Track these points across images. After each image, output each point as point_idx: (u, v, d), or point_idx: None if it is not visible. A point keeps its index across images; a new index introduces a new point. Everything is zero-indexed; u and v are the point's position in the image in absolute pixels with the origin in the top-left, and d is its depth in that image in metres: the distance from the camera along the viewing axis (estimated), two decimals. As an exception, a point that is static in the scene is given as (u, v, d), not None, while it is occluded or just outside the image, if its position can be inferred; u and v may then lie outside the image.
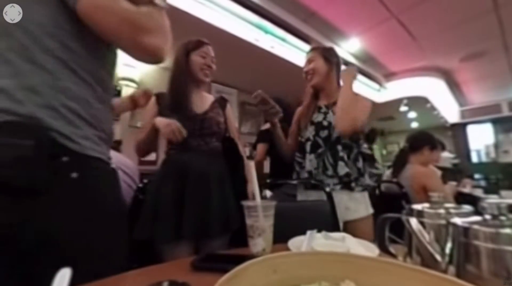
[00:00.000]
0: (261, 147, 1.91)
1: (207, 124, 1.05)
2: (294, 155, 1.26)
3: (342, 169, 1.10)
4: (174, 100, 1.04)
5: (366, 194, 1.16)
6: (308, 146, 1.20)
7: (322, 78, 1.23)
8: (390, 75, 4.13)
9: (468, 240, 0.35)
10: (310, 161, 1.17)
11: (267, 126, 1.94)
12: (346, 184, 1.11)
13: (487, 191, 3.54)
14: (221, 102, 1.20)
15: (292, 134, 1.32)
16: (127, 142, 2.20)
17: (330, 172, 1.12)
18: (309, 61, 1.28)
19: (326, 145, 1.16)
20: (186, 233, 0.89)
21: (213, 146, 1.07)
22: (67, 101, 0.53)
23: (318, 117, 1.23)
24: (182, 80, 1.06)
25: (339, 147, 1.13)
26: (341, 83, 1.22)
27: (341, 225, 1.07)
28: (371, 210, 1.15)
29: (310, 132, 1.22)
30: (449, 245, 0.38)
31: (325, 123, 1.19)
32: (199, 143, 1.03)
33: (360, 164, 1.12)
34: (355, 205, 1.11)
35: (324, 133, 1.18)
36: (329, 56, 1.25)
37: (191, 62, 1.09)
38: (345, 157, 1.11)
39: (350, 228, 1.08)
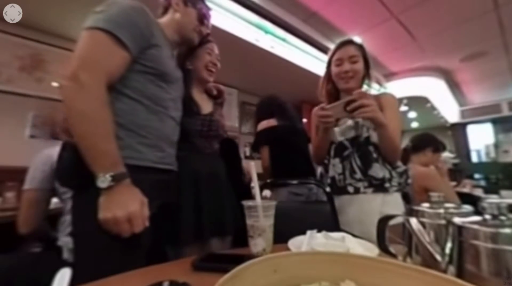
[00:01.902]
0: (265, 151, 1.78)
1: (214, 126, 1.03)
2: (321, 159, 1.16)
3: (378, 171, 1.00)
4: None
5: (399, 195, 1.05)
6: (332, 150, 1.09)
7: (358, 83, 1.08)
8: (390, 75, 4.13)
9: (468, 240, 0.35)
10: (333, 166, 1.08)
11: (264, 125, 1.82)
12: (379, 186, 1.01)
13: (487, 191, 3.54)
14: (218, 103, 1.18)
15: (316, 140, 1.15)
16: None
17: (358, 175, 1.02)
18: (351, 59, 1.06)
19: (353, 147, 1.05)
20: (206, 234, 0.89)
21: (216, 149, 1.07)
22: (115, 117, 0.66)
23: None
24: (188, 77, 1.02)
25: (371, 148, 1.02)
26: (388, 107, 1.04)
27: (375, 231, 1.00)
28: None
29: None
30: (449, 245, 0.38)
31: (350, 123, 1.07)
32: (204, 145, 1.02)
33: (388, 164, 1.03)
34: (389, 209, 0.98)
35: (350, 134, 1.06)
36: (367, 57, 1.10)
37: (196, 57, 1.04)
38: (379, 159, 1.01)
39: None
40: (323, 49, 3.02)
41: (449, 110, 5.27)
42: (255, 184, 0.67)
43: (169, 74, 0.79)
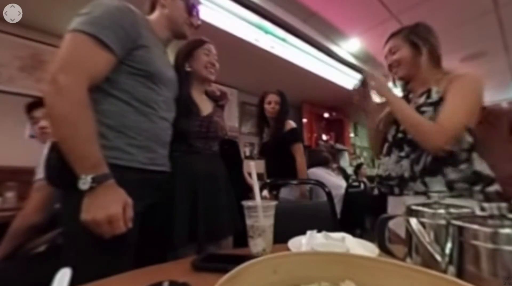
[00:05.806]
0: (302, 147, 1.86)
1: (213, 128, 1.03)
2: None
3: (435, 184, 0.85)
4: (179, 99, 0.95)
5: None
6: (385, 148, 1.02)
7: (409, 68, 1.01)
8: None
9: (468, 240, 0.35)
10: (383, 165, 1.00)
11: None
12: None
13: (487, 191, 3.53)
14: (219, 105, 1.19)
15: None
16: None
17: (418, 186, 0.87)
18: (391, 51, 1.04)
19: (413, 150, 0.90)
20: (201, 235, 0.89)
21: (215, 150, 1.08)
22: (103, 119, 0.67)
23: None
24: (187, 78, 1.04)
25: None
26: (451, 88, 0.93)
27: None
28: None
29: (390, 132, 1.02)
30: (449, 245, 0.38)
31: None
32: (204, 146, 1.02)
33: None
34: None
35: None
36: (417, 39, 0.98)
37: (194, 59, 1.06)
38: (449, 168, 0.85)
39: None
40: (323, 49, 3.02)
41: (449, 110, 5.26)
42: (255, 184, 0.67)
43: (159, 75, 0.78)
